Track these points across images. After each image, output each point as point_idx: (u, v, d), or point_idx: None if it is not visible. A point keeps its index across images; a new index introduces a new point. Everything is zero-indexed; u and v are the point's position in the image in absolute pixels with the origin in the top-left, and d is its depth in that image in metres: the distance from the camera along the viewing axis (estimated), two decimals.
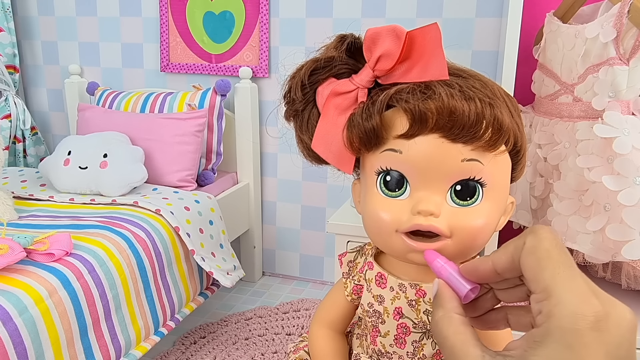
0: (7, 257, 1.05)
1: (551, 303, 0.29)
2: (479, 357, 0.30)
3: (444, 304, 0.35)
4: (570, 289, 0.29)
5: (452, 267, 0.38)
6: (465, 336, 0.32)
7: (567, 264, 0.30)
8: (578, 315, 0.27)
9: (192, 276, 1.50)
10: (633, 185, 0.84)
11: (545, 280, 0.30)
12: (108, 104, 1.91)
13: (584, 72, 1.00)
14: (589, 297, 0.28)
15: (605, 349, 0.27)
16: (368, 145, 0.50)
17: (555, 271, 0.29)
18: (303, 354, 0.72)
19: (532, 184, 1.15)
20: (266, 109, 1.91)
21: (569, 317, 0.28)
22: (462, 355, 0.31)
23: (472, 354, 0.31)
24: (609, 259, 0.91)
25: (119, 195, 1.55)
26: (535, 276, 0.30)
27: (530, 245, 0.31)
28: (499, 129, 0.48)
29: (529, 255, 0.31)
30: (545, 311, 0.29)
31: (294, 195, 1.97)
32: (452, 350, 0.32)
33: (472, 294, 0.36)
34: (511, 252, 0.33)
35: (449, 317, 0.34)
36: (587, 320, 0.27)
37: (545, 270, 0.30)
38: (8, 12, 2.05)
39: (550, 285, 0.29)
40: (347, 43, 0.53)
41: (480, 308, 0.37)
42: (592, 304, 0.28)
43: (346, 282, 0.64)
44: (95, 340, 1.17)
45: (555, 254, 0.30)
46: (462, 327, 0.33)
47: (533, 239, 0.31)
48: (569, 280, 0.29)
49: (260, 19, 1.83)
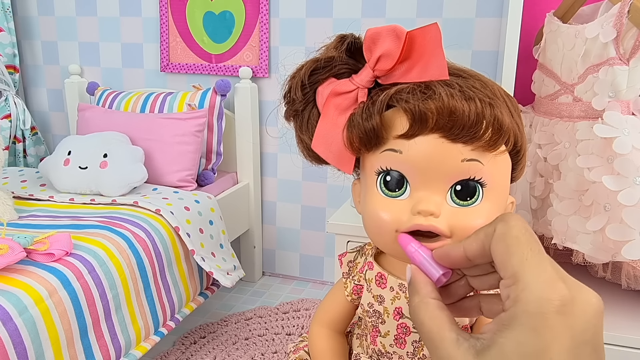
0: (7, 257, 1.05)
1: (518, 288, 0.29)
2: (454, 340, 0.31)
3: (419, 290, 0.35)
4: (537, 274, 0.29)
5: (425, 252, 0.38)
6: (440, 320, 0.33)
7: (535, 250, 0.30)
8: (544, 300, 0.28)
9: (192, 276, 1.50)
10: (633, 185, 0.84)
11: (513, 266, 0.30)
12: (108, 104, 1.91)
13: (584, 72, 1.00)
14: (555, 281, 0.29)
15: (570, 333, 0.27)
16: (368, 145, 0.50)
17: (524, 257, 0.30)
18: (303, 354, 0.72)
19: (532, 184, 1.15)
20: (266, 109, 1.91)
21: (535, 302, 0.28)
22: (438, 339, 0.32)
23: (447, 337, 0.31)
24: (609, 259, 0.91)
25: (119, 195, 1.55)
26: (504, 262, 0.31)
27: (500, 232, 0.32)
28: (499, 129, 0.48)
29: (498, 241, 0.32)
30: (513, 296, 0.29)
31: (294, 195, 1.97)
32: (429, 336, 0.32)
33: (444, 278, 0.36)
34: (482, 238, 0.33)
35: (425, 303, 0.34)
36: (553, 304, 0.28)
37: (514, 256, 0.30)
38: (8, 12, 2.05)
39: (518, 271, 0.30)
40: (347, 43, 0.53)
41: (453, 295, 0.38)
42: (558, 288, 0.28)
43: (346, 282, 0.64)
44: (95, 340, 1.17)
45: (524, 241, 0.31)
46: (437, 312, 0.33)
47: (503, 226, 0.32)
48: (536, 266, 0.29)
49: (260, 19, 1.83)
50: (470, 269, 0.36)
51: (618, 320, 0.96)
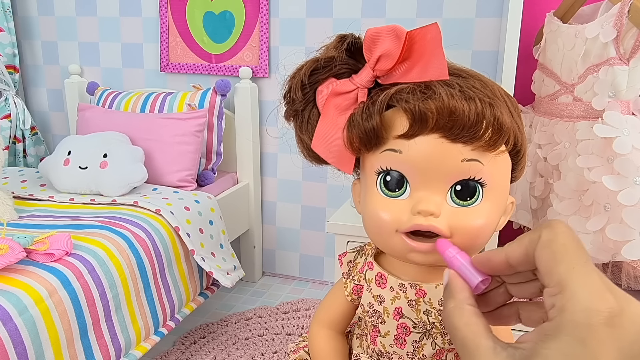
0: (7, 257, 1.05)
1: (565, 297, 0.28)
2: (491, 349, 0.30)
3: (456, 295, 0.34)
4: (584, 284, 0.28)
5: (464, 257, 0.38)
6: (477, 327, 0.31)
7: (583, 259, 0.29)
8: (592, 311, 0.27)
9: (192, 276, 1.50)
10: (633, 185, 0.84)
11: (560, 274, 0.29)
12: (108, 104, 1.91)
13: (584, 72, 1.00)
14: (603, 292, 0.28)
15: (618, 345, 0.26)
16: (368, 145, 0.50)
17: (571, 265, 0.29)
18: (303, 354, 0.72)
19: (532, 184, 1.15)
20: (266, 109, 1.91)
21: (583, 312, 0.27)
22: (474, 346, 0.31)
23: (484, 345, 0.30)
24: (609, 259, 0.91)
25: (119, 195, 1.55)
26: (549, 270, 0.30)
27: (546, 239, 0.31)
28: (499, 129, 0.48)
29: (544, 248, 0.31)
30: (559, 305, 0.28)
31: (294, 195, 1.97)
32: (464, 342, 0.31)
33: (482, 285, 0.35)
34: (526, 245, 0.32)
35: (461, 309, 0.33)
36: (601, 316, 0.27)
37: (561, 264, 0.29)
38: (8, 12, 2.05)
39: (565, 280, 0.29)
40: (347, 43, 0.53)
41: (492, 303, 0.37)
42: (606, 299, 0.27)
43: (346, 282, 0.64)
44: (95, 340, 1.17)
45: (571, 249, 0.30)
46: (474, 319, 0.32)
47: (549, 232, 0.31)
48: (584, 276, 0.28)
49: (260, 19, 1.83)
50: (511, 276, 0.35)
51: None
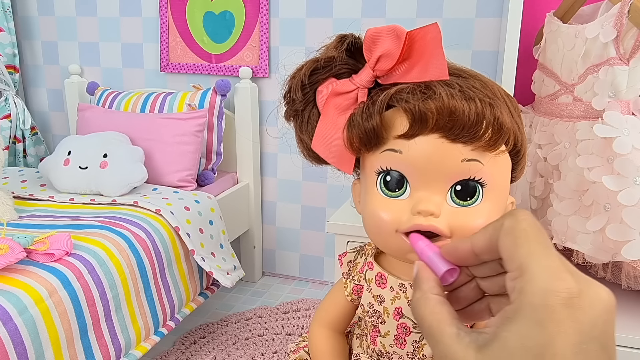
0: (7, 257, 1.05)
1: (524, 279, 0.28)
2: (454, 335, 0.30)
3: (422, 285, 0.35)
4: (544, 265, 0.28)
5: (433, 249, 0.38)
6: (441, 315, 0.32)
7: (543, 243, 0.30)
8: (549, 291, 0.27)
9: (192, 276, 1.50)
10: (633, 185, 0.84)
11: (520, 258, 0.29)
12: (108, 104, 1.91)
13: (584, 72, 1.00)
14: (562, 273, 0.28)
15: (577, 327, 0.26)
16: (368, 145, 0.50)
17: (531, 249, 0.29)
18: (303, 354, 0.72)
19: (532, 184, 1.15)
20: (266, 109, 1.91)
21: (540, 293, 0.27)
22: (438, 334, 0.31)
23: (448, 332, 0.31)
24: (609, 259, 0.91)
25: (119, 195, 1.55)
26: (511, 255, 0.30)
27: (508, 226, 0.31)
28: (499, 129, 0.48)
29: (506, 235, 0.31)
30: (518, 287, 0.29)
31: (294, 195, 1.97)
32: (429, 331, 0.32)
33: (450, 276, 0.36)
34: (490, 233, 0.33)
35: (426, 298, 0.34)
36: (559, 297, 0.27)
37: (521, 248, 0.30)
38: (8, 12, 2.05)
39: (525, 263, 0.29)
40: (347, 43, 0.53)
41: (464, 299, 0.37)
42: (564, 280, 0.27)
43: (346, 282, 0.64)
44: (95, 340, 1.17)
45: (532, 233, 0.30)
46: (438, 307, 0.33)
47: (511, 220, 0.31)
48: (543, 258, 0.29)
49: (260, 19, 1.83)
50: (480, 269, 0.35)
51: (618, 320, 0.96)
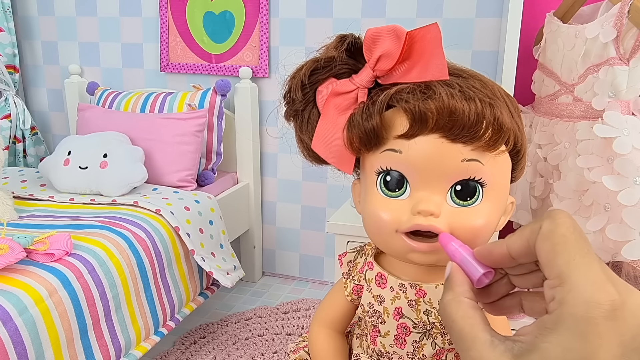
0: (7, 257, 1.05)
1: (565, 289, 0.28)
2: (488, 342, 0.29)
3: (454, 287, 0.34)
4: (585, 275, 0.27)
5: (466, 250, 0.37)
6: (474, 320, 0.31)
7: (583, 250, 0.29)
8: (592, 303, 0.26)
9: (192, 276, 1.50)
10: (633, 185, 0.84)
11: (559, 266, 0.28)
12: (108, 104, 1.91)
13: (584, 72, 1.00)
14: (604, 284, 0.27)
15: (619, 339, 0.26)
16: (368, 145, 0.50)
17: (571, 257, 0.28)
18: (303, 354, 0.72)
19: (532, 184, 1.15)
20: (266, 109, 1.91)
21: (583, 305, 0.26)
22: (470, 339, 0.30)
23: (481, 338, 0.30)
24: (609, 259, 0.91)
25: (119, 195, 1.55)
26: (549, 262, 0.29)
27: (546, 230, 0.30)
28: (499, 129, 0.48)
29: (544, 240, 0.30)
30: (559, 298, 0.28)
31: (294, 195, 1.97)
32: (460, 335, 0.31)
33: (485, 278, 0.35)
34: (527, 236, 0.31)
35: (458, 301, 0.33)
36: (602, 309, 0.26)
37: (561, 255, 0.29)
38: (8, 12, 2.05)
39: (565, 272, 0.28)
40: (347, 43, 0.53)
41: (494, 294, 0.36)
42: (608, 291, 0.27)
43: (346, 282, 0.64)
44: (95, 340, 1.17)
45: (571, 240, 0.29)
46: (470, 311, 0.32)
47: (550, 223, 0.30)
48: (584, 267, 0.28)
49: (260, 19, 1.83)
50: (513, 267, 0.34)
51: None
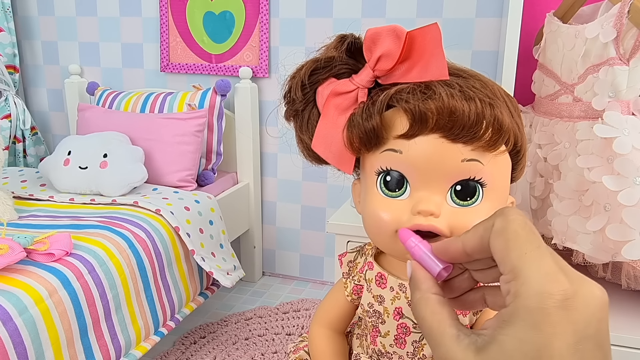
0: (7, 257, 1.05)
1: (518, 283, 0.28)
2: (455, 336, 0.31)
3: (420, 285, 0.35)
4: (537, 268, 0.28)
5: (425, 246, 0.38)
6: (441, 316, 0.32)
7: (535, 244, 0.30)
8: (545, 294, 0.27)
9: (192, 276, 1.50)
10: (633, 185, 0.84)
11: (512, 261, 0.29)
12: (108, 104, 1.91)
13: (584, 72, 1.00)
14: (556, 275, 0.28)
15: (573, 327, 0.27)
16: (368, 145, 0.50)
17: (523, 251, 0.29)
18: (303, 354, 0.72)
19: (532, 184, 1.15)
20: (266, 109, 1.91)
21: (535, 296, 0.27)
22: (439, 334, 0.31)
23: (448, 333, 0.31)
24: (609, 259, 0.91)
25: (119, 195, 1.55)
26: (503, 257, 0.30)
27: (498, 227, 0.31)
28: (499, 129, 0.48)
29: (497, 236, 0.31)
30: (513, 291, 0.29)
31: (294, 195, 1.97)
32: (430, 331, 0.32)
33: (445, 272, 0.36)
34: (480, 233, 0.32)
35: (426, 298, 0.34)
36: (554, 299, 0.27)
37: (513, 251, 0.30)
38: (8, 12, 2.05)
39: (518, 266, 0.29)
40: (347, 43, 0.53)
41: (457, 289, 0.37)
42: (559, 282, 0.27)
43: (346, 282, 0.64)
44: (95, 340, 1.17)
45: (523, 235, 0.30)
46: (438, 307, 0.33)
47: (502, 220, 0.31)
48: (536, 260, 0.29)
49: (260, 19, 1.83)
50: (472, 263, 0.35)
51: (618, 320, 0.96)
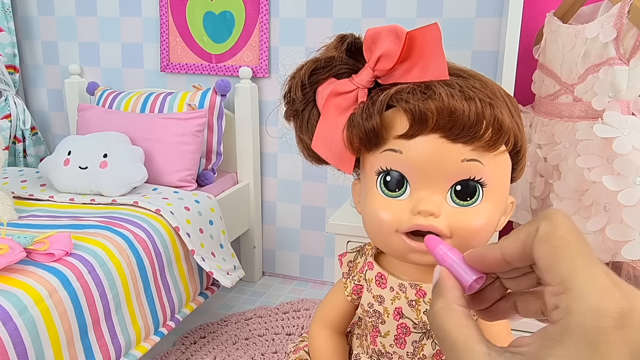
0: (7, 257, 1.05)
1: (570, 297, 0.26)
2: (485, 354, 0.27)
3: (445, 294, 0.32)
4: (591, 281, 0.26)
5: (455, 254, 0.35)
6: (468, 330, 0.29)
7: (585, 253, 0.27)
8: (601, 312, 0.25)
9: (192, 276, 1.50)
10: (633, 185, 0.84)
11: (561, 272, 0.27)
12: (108, 104, 1.91)
13: (584, 72, 1.00)
14: (611, 290, 0.25)
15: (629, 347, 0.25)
16: (368, 145, 0.50)
17: (573, 261, 0.27)
18: (303, 354, 0.72)
19: (532, 184, 1.15)
20: (266, 109, 1.91)
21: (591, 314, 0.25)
22: (465, 351, 0.28)
23: (477, 350, 0.28)
24: (609, 259, 0.91)
25: (119, 195, 1.55)
26: (550, 267, 0.27)
27: (544, 232, 0.28)
28: (499, 129, 0.48)
29: (542, 243, 0.28)
30: (564, 306, 0.26)
31: (294, 195, 1.97)
32: (453, 346, 0.29)
33: (476, 284, 0.33)
34: (522, 239, 0.29)
35: (450, 309, 0.30)
36: (611, 317, 0.25)
37: (562, 260, 0.27)
38: (8, 12, 2.05)
39: (568, 278, 0.26)
40: (347, 43, 0.53)
41: (488, 299, 0.34)
42: (615, 298, 0.25)
43: (346, 282, 0.64)
44: (95, 340, 1.17)
45: (572, 242, 0.27)
46: (464, 320, 0.30)
47: (547, 224, 0.28)
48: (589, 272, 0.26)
49: (260, 19, 1.83)
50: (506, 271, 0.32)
51: None
